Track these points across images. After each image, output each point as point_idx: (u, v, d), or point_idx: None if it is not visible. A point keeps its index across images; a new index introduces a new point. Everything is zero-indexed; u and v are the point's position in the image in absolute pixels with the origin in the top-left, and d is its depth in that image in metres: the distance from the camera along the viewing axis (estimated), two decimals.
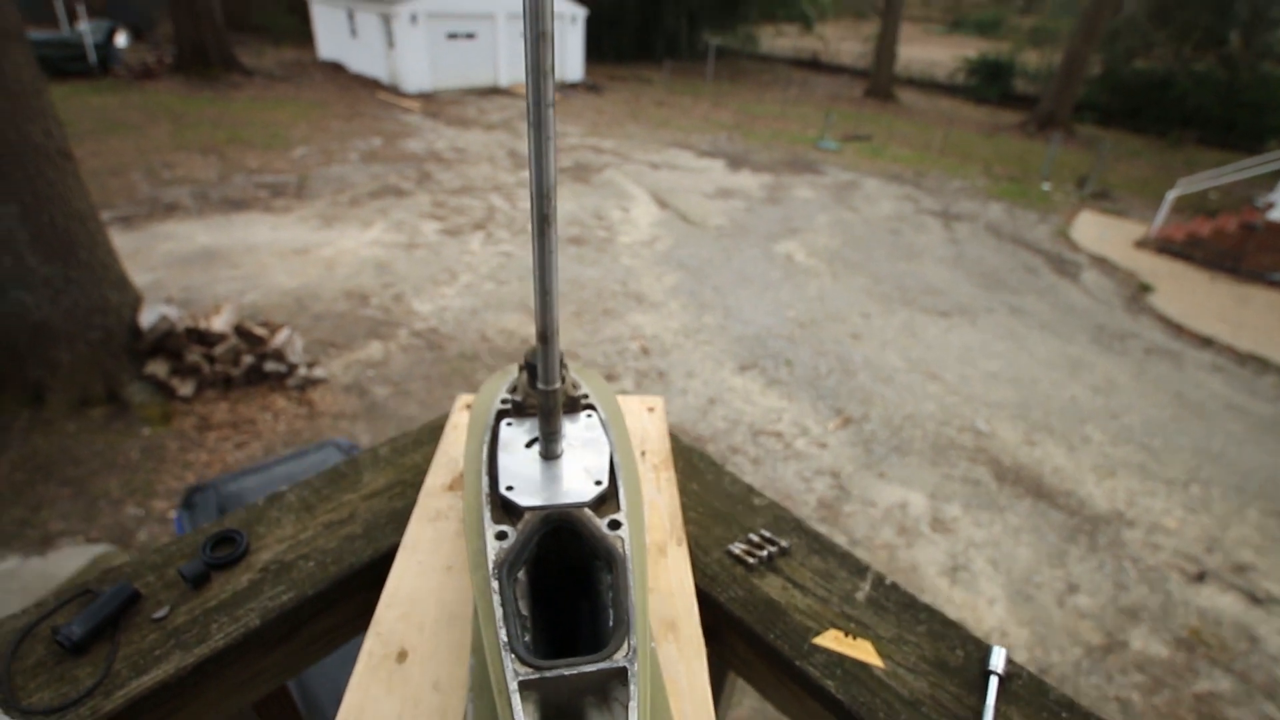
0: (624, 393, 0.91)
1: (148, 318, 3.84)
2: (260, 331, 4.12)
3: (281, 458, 2.39)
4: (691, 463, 0.79)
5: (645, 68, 20.99)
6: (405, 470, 0.75)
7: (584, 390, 0.66)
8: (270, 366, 4.05)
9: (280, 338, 4.15)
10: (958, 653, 0.58)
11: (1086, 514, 3.86)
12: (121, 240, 5.93)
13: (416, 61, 14.28)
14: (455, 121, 12.15)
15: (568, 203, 7.95)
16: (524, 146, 10.50)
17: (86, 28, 13.85)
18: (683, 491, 0.73)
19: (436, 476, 0.70)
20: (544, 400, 0.53)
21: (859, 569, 0.66)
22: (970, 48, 24.03)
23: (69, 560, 2.79)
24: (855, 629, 0.59)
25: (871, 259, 7.25)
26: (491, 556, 0.48)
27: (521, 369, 0.64)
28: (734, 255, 6.94)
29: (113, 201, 6.93)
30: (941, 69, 22.71)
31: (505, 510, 0.53)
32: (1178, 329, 6.56)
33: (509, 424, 0.61)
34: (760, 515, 0.71)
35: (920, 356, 5.32)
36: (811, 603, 0.62)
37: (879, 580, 0.65)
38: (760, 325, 5.52)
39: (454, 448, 0.73)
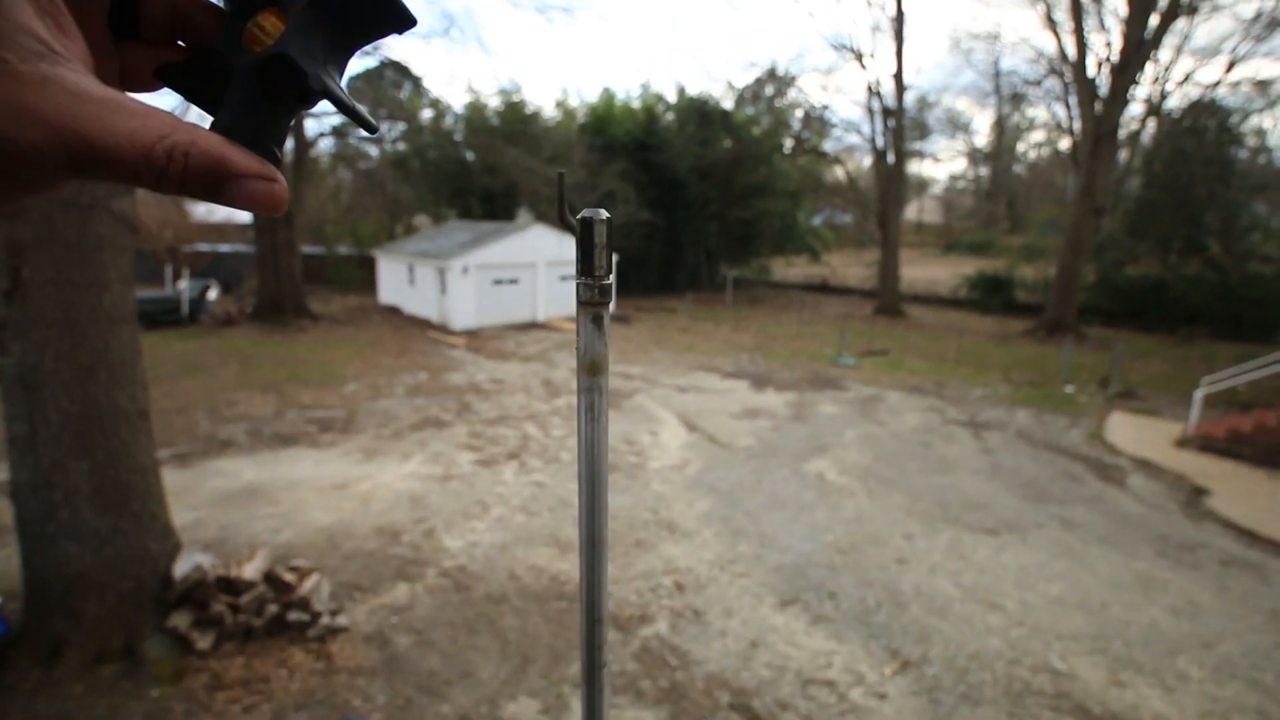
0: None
1: (182, 567, 3.87)
2: (289, 578, 4.09)
3: None
4: None
5: (669, 299, 23.04)
6: None
7: None
8: (294, 616, 3.95)
9: (308, 585, 4.10)
10: None
11: None
12: (173, 478, 6.21)
13: (465, 304, 15.96)
14: (496, 355, 13.16)
15: None
16: (556, 375, 11.23)
17: (185, 286, 16.05)
18: None
19: None
20: None
21: None
22: (967, 266, 26.06)
23: None
24: None
25: (905, 474, 7.15)
26: None
27: None
28: (765, 476, 6.92)
29: (174, 439, 7.39)
30: (943, 285, 24.48)
31: None
32: (1250, 535, 6.10)
33: None
34: None
35: (974, 582, 4.97)
36: None
37: None
38: (798, 552, 5.30)
39: None
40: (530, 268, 17.30)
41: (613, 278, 0.42)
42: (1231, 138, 18.56)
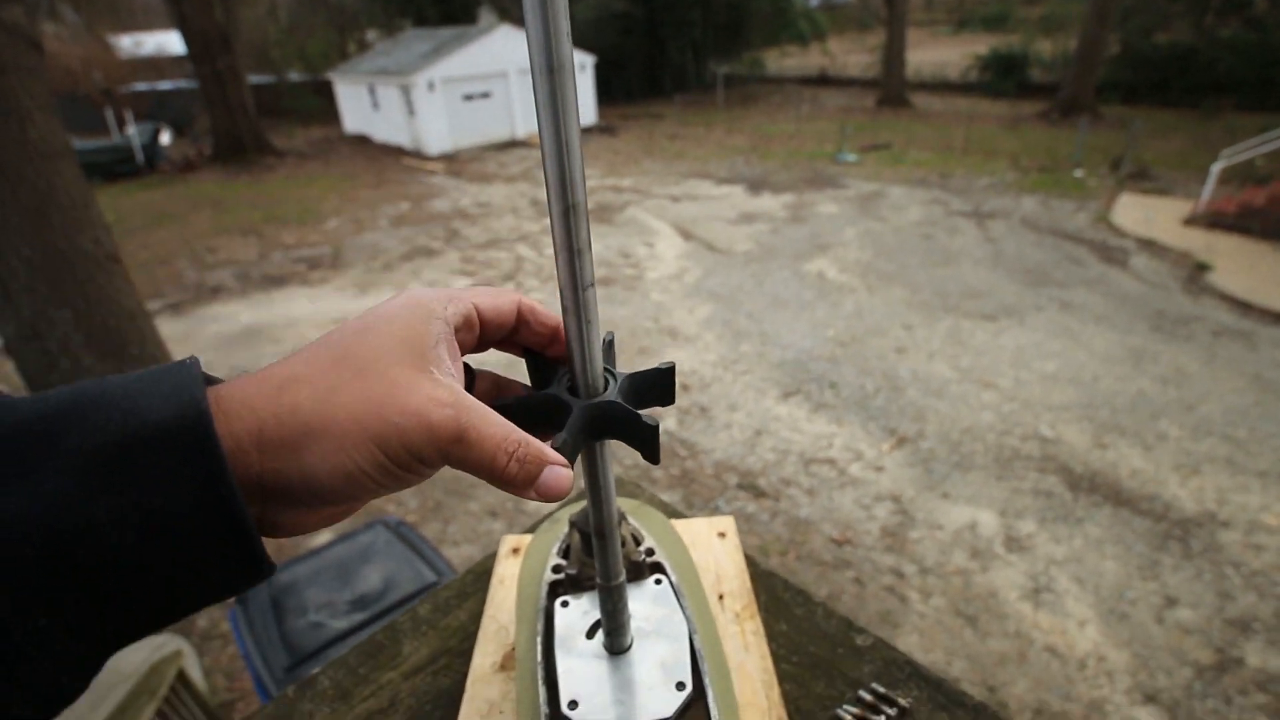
0: (681, 515, 0.77)
1: None
2: None
3: (330, 543, 2.37)
4: (776, 595, 0.65)
5: (656, 104, 21.36)
6: (449, 635, 0.65)
7: (647, 543, 0.57)
8: None
9: None
10: None
11: (1174, 518, 3.58)
12: (172, 326, 6.19)
13: (436, 125, 14.81)
14: (477, 178, 12.49)
15: (592, 244, 8.02)
16: (543, 195, 10.69)
17: (134, 132, 14.83)
18: (770, 637, 0.61)
19: (485, 654, 0.60)
20: (606, 598, 0.46)
21: None
22: (980, 44, 23.79)
23: (134, 652, 2.81)
24: None
25: (906, 268, 7.07)
26: None
27: (572, 526, 0.56)
28: (764, 279, 6.86)
29: (162, 290, 7.26)
30: (953, 68, 22.51)
31: None
32: (1245, 307, 6.17)
33: (564, 603, 0.53)
34: (867, 660, 0.58)
35: (971, 365, 5.11)
36: None
37: None
38: (799, 349, 5.39)
39: (502, 612, 0.64)
40: (502, 78, 15.79)
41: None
42: None
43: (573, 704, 0.44)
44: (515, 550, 0.69)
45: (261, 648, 1.98)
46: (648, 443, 0.36)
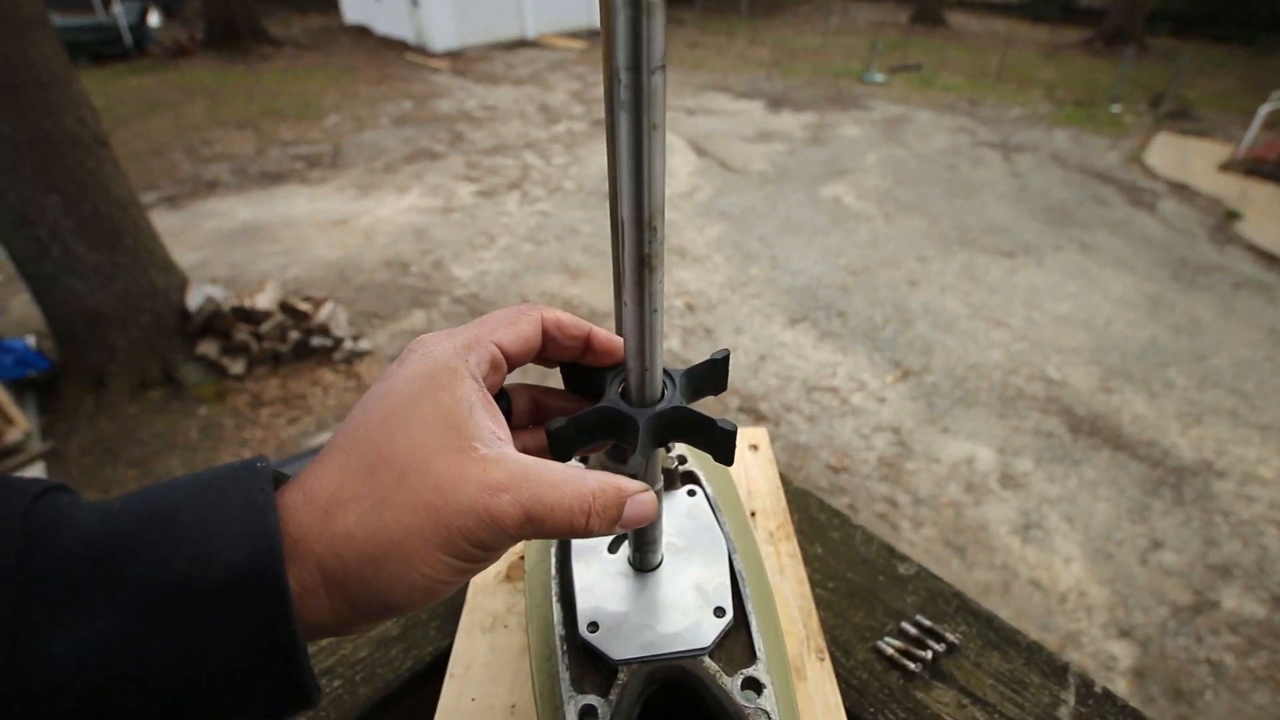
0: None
1: (194, 299, 3.88)
2: (304, 307, 4.12)
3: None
4: (810, 515, 0.60)
5: (675, 8, 20.06)
6: None
7: (679, 449, 0.50)
8: (317, 341, 4.07)
9: (324, 312, 4.15)
10: None
11: (1171, 465, 3.59)
12: (168, 220, 6.02)
13: (442, 18, 13.94)
14: (484, 79, 11.87)
15: (600, 158, 7.71)
16: (553, 100, 10.21)
17: (120, 10, 13.95)
18: (804, 561, 0.56)
19: None
20: None
21: (1056, 669, 0.48)
22: None
23: None
24: None
25: (926, 198, 6.82)
26: None
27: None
28: (779, 202, 6.62)
29: (157, 182, 7.03)
30: None
31: (587, 659, 0.38)
32: (1270, 259, 6.00)
33: None
34: (910, 590, 0.53)
35: (983, 301, 5.00)
36: None
37: (1086, 687, 0.46)
38: (810, 275, 5.27)
39: None
40: None
41: None
42: None
43: (593, 626, 0.38)
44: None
45: None
46: (723, 448, 0.33)
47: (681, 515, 0.44)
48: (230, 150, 8.11)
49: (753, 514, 0.56)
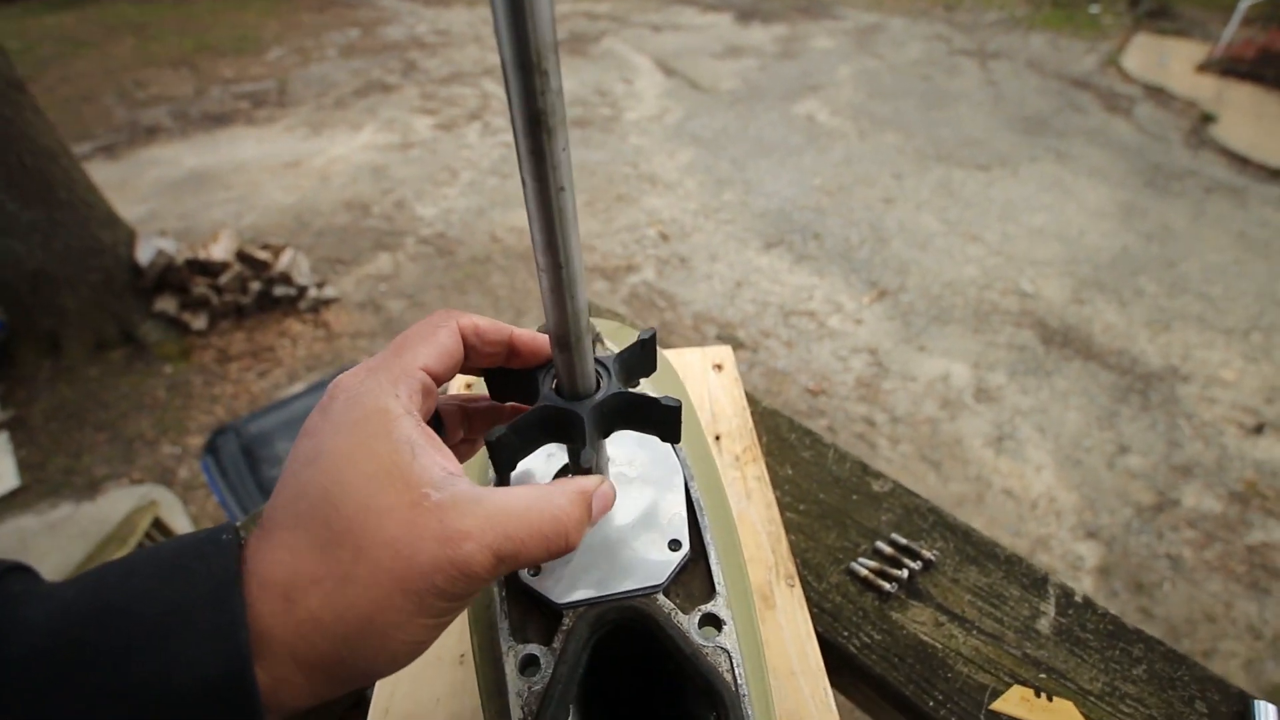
0: (671, 346, 0.65)
1: (144, 253, 3.69)
2: (263, 255, 3.95)
3: (300, 393, 2.31)
4: (780, 436, 0.56)
5: None
6: None
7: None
8: (280, 291, 3.93)
9: (284, 260, 3.99)
10: (1198, 705, 0.40)
11: (1139, 372, 3.68)
12: (107, 171, 5.67)
13: None
14: (434, 1, 11.11)
15: (565, 80, 7.33)
16: None
17: None
18: (774, 483, 0.53)
19: None
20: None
21: (1035, 580, 0.46)
22: None
23: (119, 502, 2.83)
24: (1046, 680, 0.40)
25: (901, 112, 6.64)
26: (516, 700, 0.31)
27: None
28: (750, 122, 6.41)
29: (91, 130, 6.58)
30: None
31: (530, 605, 0.35)
32: (1243, 162, 5.99)
33: None
34: (885, 508, 0.51)
35: (958, 217, 4.96)
36: (979, 643, 0.43)
37: (1066, 596, 0.45)
38: (784, 197, 5.16)
39: None
40: None
41: None
42: None
43: (533, 569, 0.35)
44: (470, 385, 0.59)
45: (238, 496, 1.98)
46: (669, 425, 0.31)
47: (633, 443, 0.40)
48: (167, 92, 7.57)
49: (717, 438, 0.52)
